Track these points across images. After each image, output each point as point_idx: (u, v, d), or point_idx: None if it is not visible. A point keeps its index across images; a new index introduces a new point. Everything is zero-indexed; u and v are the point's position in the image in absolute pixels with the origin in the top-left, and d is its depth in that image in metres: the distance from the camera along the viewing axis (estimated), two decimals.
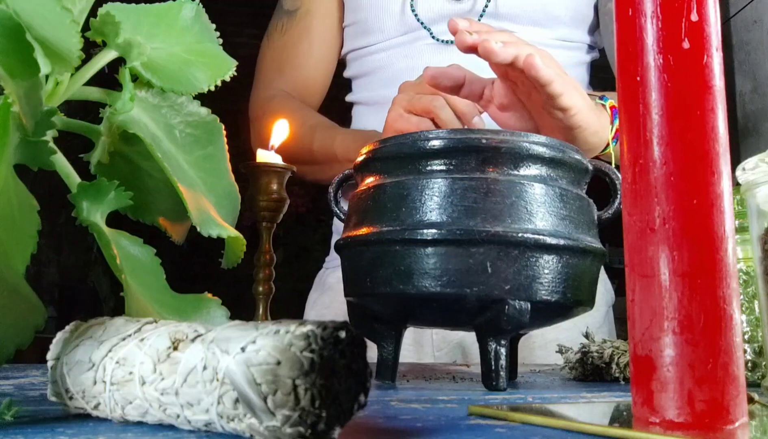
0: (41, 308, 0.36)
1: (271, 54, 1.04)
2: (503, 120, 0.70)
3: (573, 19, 0.95)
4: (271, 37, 1.04)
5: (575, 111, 0.65)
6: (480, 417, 0.34)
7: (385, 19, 0.95)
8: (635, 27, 0.31)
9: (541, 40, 0.89)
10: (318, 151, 0.89)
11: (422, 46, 0.93)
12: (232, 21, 2.93)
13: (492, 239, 0.46)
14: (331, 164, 0.88)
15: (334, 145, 0.87)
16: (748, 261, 0.53)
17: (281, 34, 1.03)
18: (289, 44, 1.02)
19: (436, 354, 0.91)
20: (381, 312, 0.54)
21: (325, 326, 0.24)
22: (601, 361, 0.58)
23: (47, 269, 3.15)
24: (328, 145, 0.88)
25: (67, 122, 0.43)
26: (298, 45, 1.02)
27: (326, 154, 0.89)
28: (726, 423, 0.29)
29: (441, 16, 0.92)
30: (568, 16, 0.95)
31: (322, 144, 0.89)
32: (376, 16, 0.96)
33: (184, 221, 0.49)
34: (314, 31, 1.02)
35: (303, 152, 0.90)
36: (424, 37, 0.93)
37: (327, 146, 0.88)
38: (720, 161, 0.30)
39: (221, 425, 0.25)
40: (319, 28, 1.02)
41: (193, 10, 0.49)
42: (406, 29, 0.94)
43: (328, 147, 0.88)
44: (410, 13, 0.93)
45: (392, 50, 0.96)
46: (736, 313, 0.29)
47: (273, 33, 1.04)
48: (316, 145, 0.90)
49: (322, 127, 0.92)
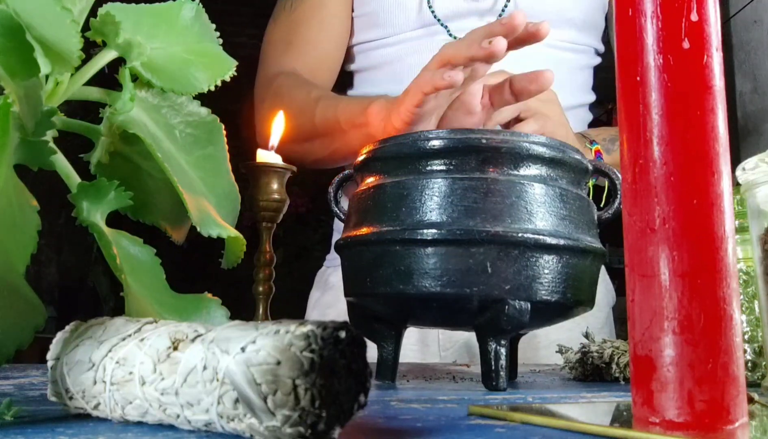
0: (41, 308, 0.36)
1: (279, 32, 0.99)
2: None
3: (584, 22, 0.96)
4: (278, 18, 1.00)
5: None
6: (480, 417, 0.34)
7: (399, 13, 0.94)
8: (635, 27, 0.31)
9: (552, 40, 0.89)
10: (321, 121, 0.84)
11: (437, 43, 0.92)
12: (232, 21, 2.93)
13: (492, 239, 0.46)
14: (334, 135, 0.83)
15: (337, 111, 0.83)
16: (748, 261, 0.53)
17: (290, 12, 0.98)
18: (298, 21, 0.97)
19: (442, 354, 0.90)
20: (381, 312, 0.54)
21: (325, 326, 0.24)
22: (601, 361, 0.58)
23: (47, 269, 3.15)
24: (330, 113, 0.83)
25: (67, 122, 0.43)
26: (309, 21, 0.97)
27: (329, 123, 0.84)
28: (726, 423, 0.29)
29: (458, 13, 0.92)
30: (580, 19, 0.95)
31: (325, 113, 0.84)
32: (388, 9, 0.94)
33: (184, 221, 0.49)
34: (326, 7, 0.97)
35: (306, 125, 0.85)
36: (440, 33, 0.92)
37: (330, 115, 0.83)
38: (720, 161, 0.30)
39: (221, 425, 0.25)
40: (331, 6, 0.98)
41: (193, 10, 0.49)
42: (420, 25, 0.93)
43: (330, 116, 0.83)
44: (427, 9, 0.92)
45: (402, 45, 0.94)
46: (736, 313, 0.29)
47: (280, 13, 1.00)
48: (318, 115, 0.85)
49: (326, 97, 0.88)
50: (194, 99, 0.48)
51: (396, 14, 0.94)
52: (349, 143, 0.79)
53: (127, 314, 0.37)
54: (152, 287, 0.42)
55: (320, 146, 0.87)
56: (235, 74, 0.50)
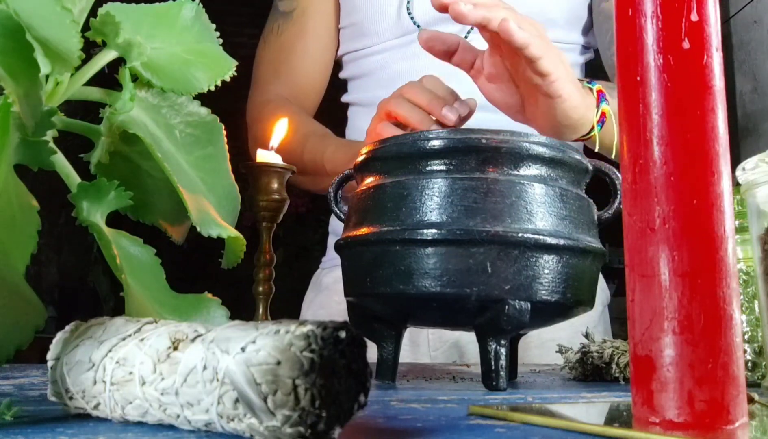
0: (41, 308, 0.36)
1: (268, 56, 1.03)
2: (490, 92, 0.70)
3: (567, 21, 0.96)
4: (267, 40, 1.04)
5: (554, 78, 0.64)
6: (480, 417, 0.34)
7: (381, 21, 0.95)
8: (635, 27, 0.31)
9: None
10: (308, 161, 0.88)
11: (418, 49, 0.92)
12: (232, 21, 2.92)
13: (492, 239, 0.46)
14: (322, 177, 0.87)
15: (324, 157, 0.86)
16: (748, 261, 0.53)
17: (277, 36, 1.03)
18: (285, 45, 1.02)
19: (432, 354, 0.91)
20: (381, 312, 0.54)
21: (325, 326, 0.24)
22: (601, 361, 0.58)
23: (47, 269, 3.15)
24: (318, 157, 0.87)
25: (67, 122, 0.43)
26: (295, 46, 1.02)
27: (316, 165, 0.87)
28: (726, 423, 0.29)
29: (437, 19, 0.92)
30: (563, 18, 0.95)
31: (313, 155, 0.88)
32: (372, 18, 0.96)
33: (184, 221, 0.49)
34: (310, 31, 1.02)
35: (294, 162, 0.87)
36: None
37: (317, 158, 0.87)
38: (720, 161, 0.30)
39: (221, 425, 0.25)
40: (315, 29, 1.02)
41: (193, 10, 0.49)
42: (402, 32, 0.94)
43: (318, 159, 0.87)
44: (406, 15, 0.93)
45: (388, 52, 0.96)
46: (736, 313, 0.29)
47: (269, 36, 1.04)
48: (306, 155, 0.88)
49: (315, 136, 0.91)
50: (194, 99, 0.48)
51: (379, 22, 0.96)
52: None
53: (127, 314, 0.37)
54: (152, 287, 0.42)
55: (310, 181, 0.91)
56: (235, 74, 0.50)
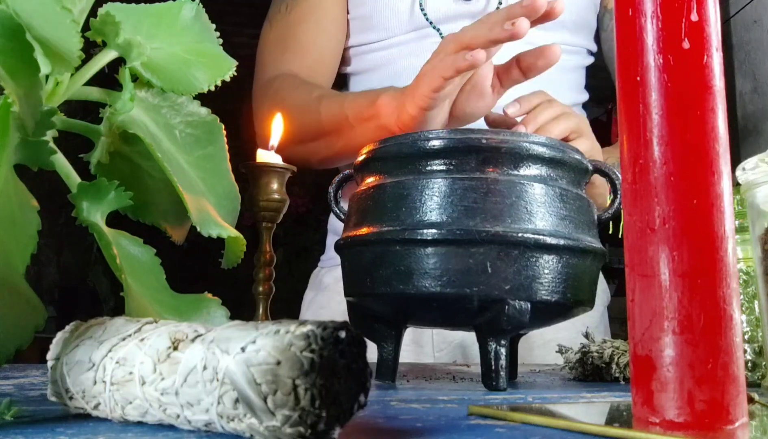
0: (41, 308, 0.36)
1: (275, 35, 0.97)
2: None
3: (576, 24, 0.96)
4: (273, 20, 0.99)
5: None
6: (480, 417, 0.34)
7: (391, 16, 0.93)
8: (635, 27, 0.31)
9: (544, 43, 0.89)
10: (326, 118, 0.83)
11: (429, 46, 0.92)
12: (232, 21, 2.93)
13: (492, 239, 0.46)
14: (342, 131, 0.82)
15: (344, 107, 0.81)
16: (748, 261, 0.53)
17: (286, 13, 0.97)
18: (294, 22, 0.96)
19: (436, 354, 0.90)
20: (381, 312, 0.54)
21: (325, 326, 0.24)
22: (601, 361, 0.58)
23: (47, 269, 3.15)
24: (336, 109, 0.82)
25: (67, 122, 0.43)
26: (305, 23, 0.96)
27: (336, 119, 0.82)
28: (726, 423, 0.29)
29: (450, 16, 0.92)
30: (572, 21, 0.95)
31: (330, 110, 0.83)
32: (381, 13, 0.94)
33: (184, 220, 0.49)
34: (322, 9, 0.96)
35: (311, 124, 0.84)
36: (432, 36, 0.91)
37: (336, 111, 0.82)
38: (720, 161, 0.30)
39: (221, 425, 0.25)
40: (327, 7, 0.97)
41: (193, 10, 0.49)
42: (413, 28, 0.93)
43: (336, 112, 0.82)
44: (419, 12, 0.92)
45: (395, 48, 0.94)
46: (736, 313, 0.29)
47: (275, 16, 0.99)
48: (323, 113, 0.83)
49: (329, 95, 0.87)
50: (194, 99, 0.48)
51: (389, 17, 0.94)
52: (357, 139, 0.78)
53: (127, 314, 0.37)
54: (152, 287, 0.42)
55: (326, 145, 0.86)
56: (235, 74, 0.50)
